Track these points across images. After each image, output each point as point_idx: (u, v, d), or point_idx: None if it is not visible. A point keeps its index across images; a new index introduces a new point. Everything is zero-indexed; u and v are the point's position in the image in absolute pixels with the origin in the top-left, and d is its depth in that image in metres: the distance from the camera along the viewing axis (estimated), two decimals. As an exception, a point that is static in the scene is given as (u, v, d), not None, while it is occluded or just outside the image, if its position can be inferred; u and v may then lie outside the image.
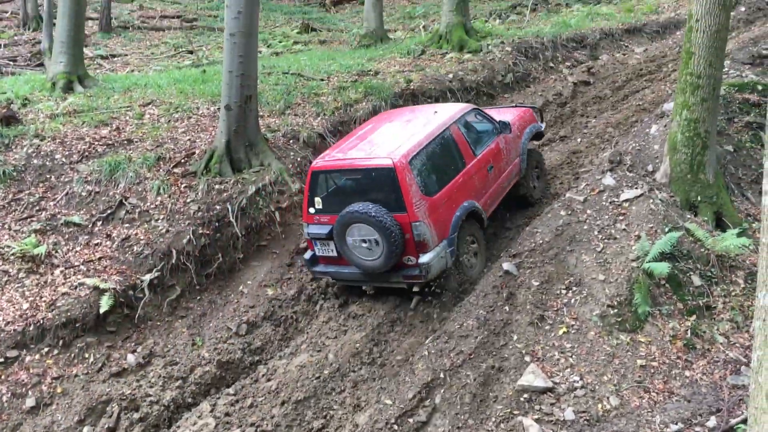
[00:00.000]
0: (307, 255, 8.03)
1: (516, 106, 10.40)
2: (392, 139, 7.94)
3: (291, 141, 10.22)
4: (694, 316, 6.46)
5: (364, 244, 7.26)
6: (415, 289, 7.64)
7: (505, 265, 7.18)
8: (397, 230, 7.09)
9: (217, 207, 9.00)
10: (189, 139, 10.22)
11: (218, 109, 10.33)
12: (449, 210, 7.61)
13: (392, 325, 7.47)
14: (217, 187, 9.22)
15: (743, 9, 17.42)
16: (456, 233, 7.60)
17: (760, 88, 9.80)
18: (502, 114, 9.52)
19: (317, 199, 7.71)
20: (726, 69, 10.25)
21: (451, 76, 12.99)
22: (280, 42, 18.92)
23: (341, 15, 23.85)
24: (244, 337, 7.89)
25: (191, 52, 18.36)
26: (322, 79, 12.42)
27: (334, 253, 7.68)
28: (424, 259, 7.26)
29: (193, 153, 9.79)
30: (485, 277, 7.30)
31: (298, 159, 9.91)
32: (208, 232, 8.78)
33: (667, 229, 7.24)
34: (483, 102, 13.02)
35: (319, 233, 7.67)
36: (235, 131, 9.47)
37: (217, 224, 8.89)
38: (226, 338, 7.87)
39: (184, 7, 25.04)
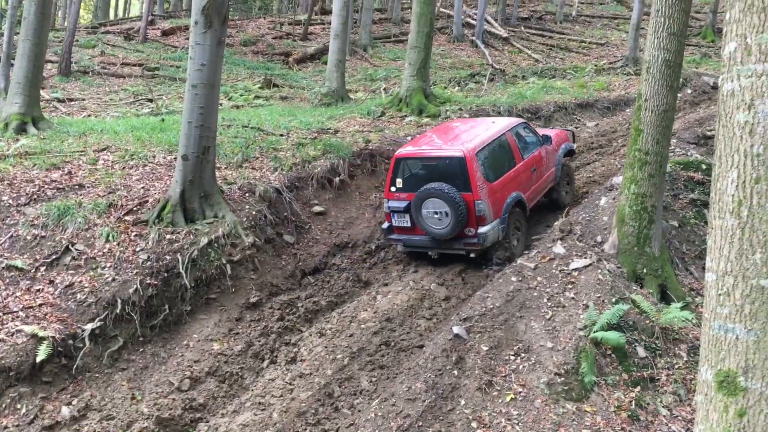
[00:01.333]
0: (385, 225, 9.87)
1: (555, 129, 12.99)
2: (460, 138, 9.83)
3: (247, 194, 10.19)
4: (638, 388, 6.53)
5: (435, 215, 9.03)
6: (472, 255, 9.32)
7: (456, 329, 7.18)
8: (463, 205, 8.86)
9: (167, 257, 8.84)
10: (143, 187, 10.10)
11: (175, 158, 10.27)
12: (503, 196, 9.42)
13: (340, 384, 7.36)
14: (168, 237, 9.08)
15: (689, 91, 18.30)
16: (507, 215, 9.39)
17: (704, 167, 10.21)
18: (544, 132, 11.58)
19: (398, 180, 9.55)
20: (672, 147, 10.69)
21: (409, 138, 13.20)
22: (242, 96, 19.03)
23: (304, 73, 24.17)
24: (186, 393, 7.64)
25: (151, 101, 18.32)
26: (282, 135, 12.50)
27: (408, 224, 9.47)
28: (482, 230, 9.01)
29: (146, 201, 9.67)
30: (434, 340, 7.29)
31: (253, 212, 9.86)
32: (156, 282, 8.60)
33: (614, 300, 7.38)
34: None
35: (397, 207, 9.48)
36: (191, 181, 9.41)
37: (165, 275, 8.72)
38: (168, 393, 7.61)
39: (147, 56, 25.08)
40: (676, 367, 6.86)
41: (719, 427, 2.73)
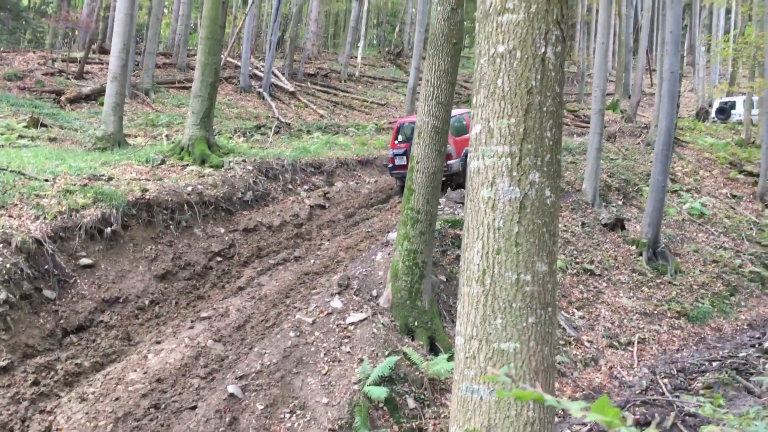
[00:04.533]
0: (390, 165, 15.38)
1: None
2: None
3: (1, 245, 9.16)
4: (408, 439, 6.79)
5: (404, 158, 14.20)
6: (443, 178, 13.40)
7: (230, 388, 6.99)
8: None
9: None
10: None
11: None
12: (461, 146, 14.49)
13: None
14: None
15: (458, 154, 19.94)
16: (464, 157, 14.01)
17: (468, 225, 11.07)
18: None
19: (400, 136, 15.23)
20: (442, 206, 11.48)
21: (190, 189, 12.82)
22: (2, 135, 17.27)
23: (77, 114, 22.56)
24: None
25: None
26: (47, 180, 11.47)
27: (405, 162, 14.27)
28: (450, 162, 13.46)
29: None
30: (208, 401, 7.01)
31: (8, 266, 8.81)
32: None
33: (387, 353, 7.65)
34: (221, 218, 12.99)
35: (399, 152, 14.89)
36: (-69, 230, 8.28)
37: None
38: None
39: None
40: (443, 416, 7.23)
41: (467, 482, 2.90)
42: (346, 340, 7.90)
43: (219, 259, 11.87)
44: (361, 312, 8.41)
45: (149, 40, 26.63)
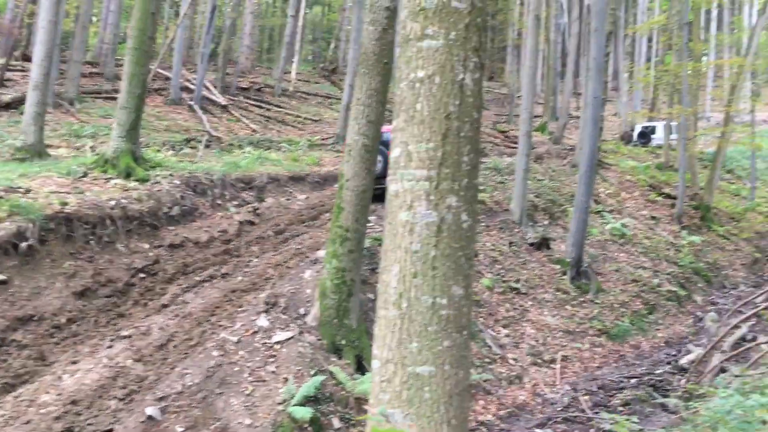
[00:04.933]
0: None
1: None
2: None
3: None
4: (332, 460, 6.72)
5: (379, 163, 12.31)
6: None
7: (149, 410, 6.78)
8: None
9: None
10: None
11: None
12: None
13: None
14: None
15: (389, 172, 20.20)
16: None
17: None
18: None
19: None
20: (372, 224, 11.50)
21: (113, 203, 12.43)
22: None
23: (-4, 122, 21.67)
24: None
25: None
26: (-41, 191, 10.95)
27: None
28: None
29: None
30: (125, 423, 6.77)
31: None
32: None
33: (313, 372, 7.58)
34: (146, 233, 12.64)
35: None
36: None
37: None
38: None
39: None
40: (367, 436, 7.20)
41: (382, 506, 2.88)
42: (272, 360, 7.79)
43: (142, 275, 11.53)
44: (288, 330, 8.32)
45: (75, 48, 25.88)
